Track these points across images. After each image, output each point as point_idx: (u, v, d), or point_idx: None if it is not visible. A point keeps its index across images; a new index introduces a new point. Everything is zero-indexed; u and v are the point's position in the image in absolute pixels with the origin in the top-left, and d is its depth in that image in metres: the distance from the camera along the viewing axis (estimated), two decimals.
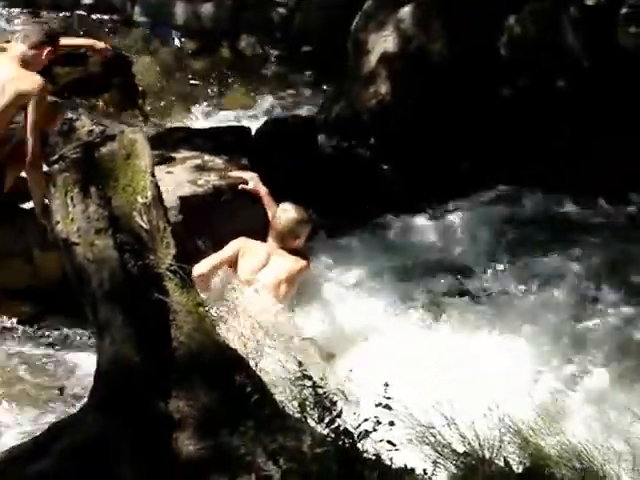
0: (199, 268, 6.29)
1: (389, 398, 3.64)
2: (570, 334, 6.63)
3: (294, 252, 6.58)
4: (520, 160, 8.29)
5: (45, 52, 6.54)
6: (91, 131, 4.53)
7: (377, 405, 3.63)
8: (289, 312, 6.27)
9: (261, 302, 6.15)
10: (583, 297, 7.06)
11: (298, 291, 6.53)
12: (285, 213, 6.62)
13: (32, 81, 6.25)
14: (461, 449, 4.15)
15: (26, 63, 6.42)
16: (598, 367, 6.27)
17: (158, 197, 4.46)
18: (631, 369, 6.21)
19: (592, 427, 5.51)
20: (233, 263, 6.52)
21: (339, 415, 3.57)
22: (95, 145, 4.47)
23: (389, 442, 3.57)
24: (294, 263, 6.50)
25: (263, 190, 6.91)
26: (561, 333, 6.61)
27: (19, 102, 6.18)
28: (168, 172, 7.38)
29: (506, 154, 8.31)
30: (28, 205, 6.44)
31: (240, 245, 6.57)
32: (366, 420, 3.56)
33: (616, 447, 4.37)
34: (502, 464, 4.13)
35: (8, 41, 6.84)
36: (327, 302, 6.69)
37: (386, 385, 3.67)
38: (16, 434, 5.13)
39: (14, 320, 6.46)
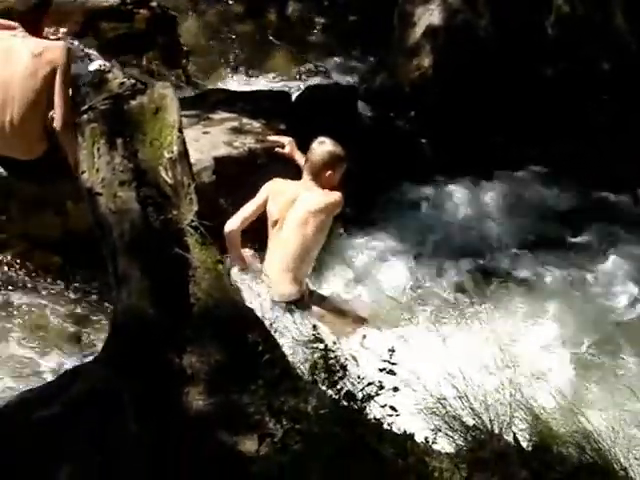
0: (230, 224, 6.24)
1: (394, 364, 3.63)
2: (596, 317, 6.60)
3: (328, 189, 6.41)
4: (558, 139, 8.22)
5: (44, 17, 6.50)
6: (122, 83, 4.54)
7: (381, 370, 3.62)
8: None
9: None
10: (612, 280, 7.01)
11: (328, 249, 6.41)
12: (321, 145, 6.44)
13: (56, 49, 6.23)
14: (471, 422, 4.15)
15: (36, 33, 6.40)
16: (616, 351, 6.23)
17: (184, 153, 4.47)
18: None
19: (604, 409, 5.49)
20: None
21: (342, 378, 3.57)
22: (125, 98, 4.49)
23: (391, 407, 3.57)
24: (324, 196, 6.29)
25: (298, 155, 6.86)
26: (587, 316, 6.57)
27: (51, 73, 6.19)
28: (205, 132, 7.40)
29: (544, 132, 8.25)
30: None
31: (269, 188, 6.42)
32: (370, 384, 3.57)
33: (628, 432, 4.35)
34: (511, 439, 4.12)
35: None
36: (357, 271, 6.68)
37: (392, 351, 3.66)
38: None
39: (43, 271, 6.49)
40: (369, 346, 4.62)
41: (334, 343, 3.96)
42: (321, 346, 3.90)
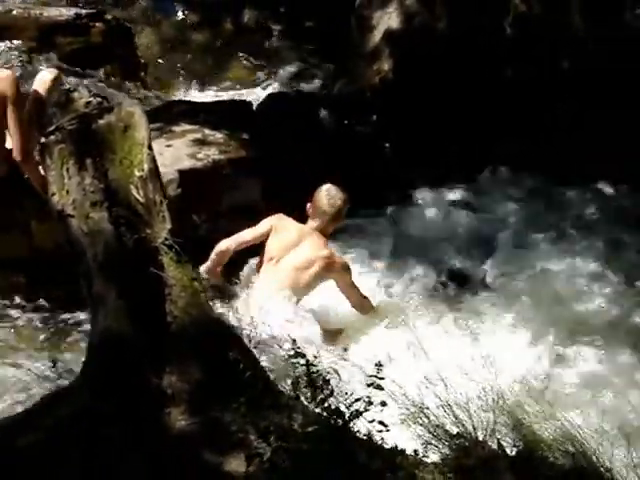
0: (225, 243, 6.28)
1: (382, 378, 3.61)
2: (571, 317, 6.62)
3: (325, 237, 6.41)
4: (519, 138, 8.23)
5: None
6: (89, 102, 4.48)
7: (369, 385, 3.60)
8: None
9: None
10: (584, 279, 7.03)
11: None
12: (331, 197, 6.42)
13: (2, 79, 6.16)
14: (454, 430, 4.13)
15: None
16: (596, 351, 6.25)
17: (155, 170, 4.41)
18: (629, 354, 6.18)
19: (587, 411, 5.50)
20: (265, 240, 6.38)
21: (331, 394, 3.54)
22: (92, 117, 4.42)
23: (380, 423, 3.55)
24: (328, 257, 6.26)
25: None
26: (561, 316, 6.60)
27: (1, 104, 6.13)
28: (168, 145, 7.35)
29: (505, 132, 8.26)
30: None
31: (274, 222, 6.41)
32: (358, 400, 3.54)
33: (610, 431, 4.35)
34: (495, 446, 4.10)
35: None
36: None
37: (379, 365, 3.64)
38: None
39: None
40: (350, 358, 4.60)
41: (315, 357, 3.91)
42: (302, 361, 3.88)
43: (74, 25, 9.27)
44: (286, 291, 6.02)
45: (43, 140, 4.44)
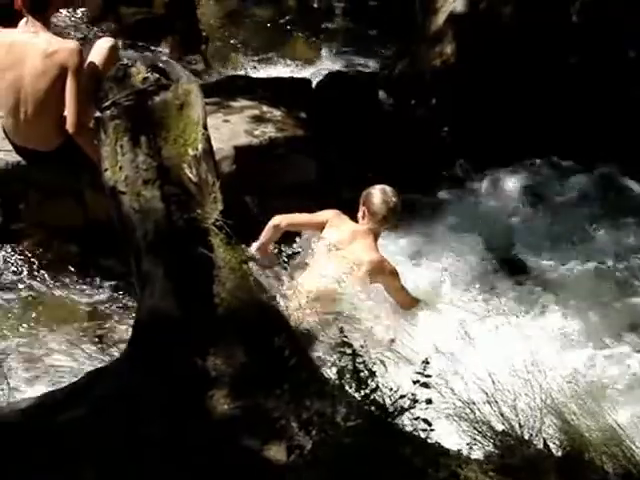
0: (279, 219, 6.22)
1: (428, 376, 3.55)
2: (622, 312, 6.50)
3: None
4: (583, 128, 8.09)
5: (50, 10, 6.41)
6: (146, 79, 4.43)
7: (415, 382, 3.54)
8: None
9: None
10: (634, 274, 6.91)
11: None
12: (385, 199, 6.26)
13: (66, 50, 6.16)
14: (500, 428, 4.06)
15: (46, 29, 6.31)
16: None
17: (209, 150, 4.37)
18: None
19: (635, 413, 5.40)
20: (318, 231, 6.29)
21: (376, 389, 3.48)
22: (149, 93, 4.38)
23: (425, 421, 3.49)
24: (378, 262, 6.15)
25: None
26: (612, 311, 6.49)
27: (61, 75, 6.14)
28: (225, 121, 7.33)
29: (569, 121, 8.12)
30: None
31: (330, 217, 6.31)
32: (403, 397, 3.49)
33: None
34: (541, 446, 4.03)
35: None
36: None
37: (426, 362, 3.57)
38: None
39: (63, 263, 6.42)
40: (398, 349, 4.54)
41: (361, 347, 3.86)
42: (349, 350, 3.82)
43: None
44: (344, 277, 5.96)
45: (98, 114, 4.41)
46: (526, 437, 4.05)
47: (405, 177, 7.60)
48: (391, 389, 3.52)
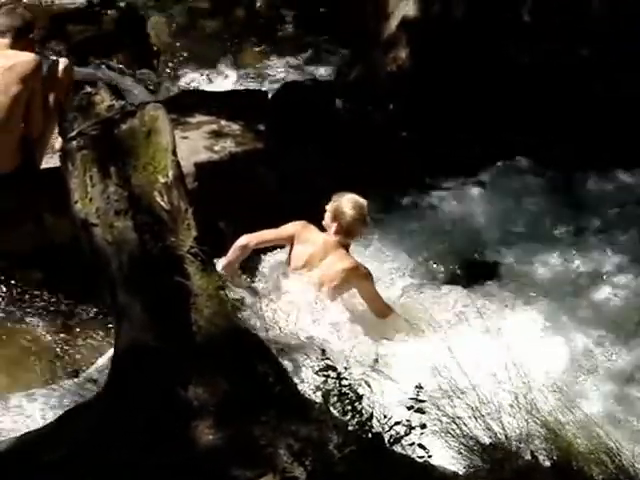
0: (247, 238, 6.15)
1: (422, 401, 3.52)
2: (591, 309, 6.53)
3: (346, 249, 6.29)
4: (539, 127, 8.12)
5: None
6: (111, 106, 4.37)
7: (409, 408, 3.51)
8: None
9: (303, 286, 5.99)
10: (602, 270, 6.94)
11: None
12: (353, 208, 6.21)
13: (26, 62, 6.10)
14: (487, 441, 4.05)
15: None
16: (619, 344, 6.15)
17: (180, 177, 4.32)
18: None
19: (612, 407, 5.43)
20: (287, 244, 6.28)
21: (370, 419, 3.45)
22: (115, 122, 4.31)
23: (420, 446, 3.46)
24: (351, 268, 6.12)
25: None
26: (579, 308, 6.51)
27: (23, 87, 6.07)
28: (183, 137, 7.26)
29: (524, 121, 8.13)
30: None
31: (298, 229, 6.24)
32: (398, 423, 3.45)
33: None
34: (529, 457, 4.02)
35: None
36: None
37: (419, 388, 3.54)
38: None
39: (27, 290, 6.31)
40: (381, 369, 4.51)
41: (345, 369, 3.82)
42: (333, 374, 3.79)
43: (86, 13, 9.20)
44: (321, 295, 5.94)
45: (65, 146, 4.34)
46: (514, 449, 4.03)
47: (366, 183, 7.62)
48: (385, 416, 3.49)
